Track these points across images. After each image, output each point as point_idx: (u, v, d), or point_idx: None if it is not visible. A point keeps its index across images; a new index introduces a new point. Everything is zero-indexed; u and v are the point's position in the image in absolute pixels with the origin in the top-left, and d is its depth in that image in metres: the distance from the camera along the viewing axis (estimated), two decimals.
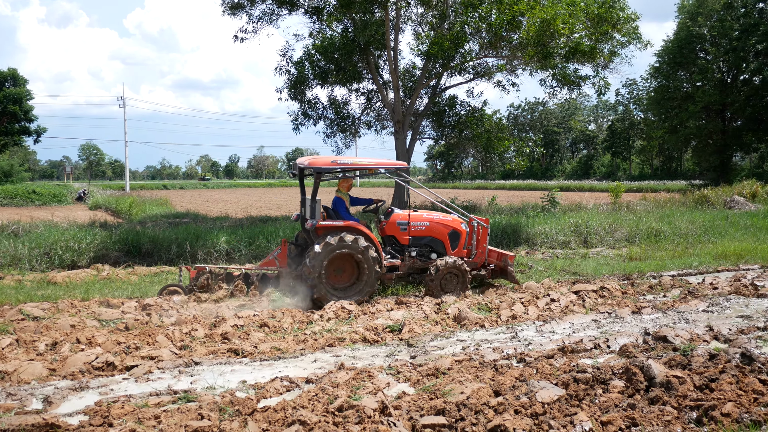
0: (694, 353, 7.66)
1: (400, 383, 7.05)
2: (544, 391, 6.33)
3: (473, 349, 8.43)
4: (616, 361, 7.58)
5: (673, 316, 10.44)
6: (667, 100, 51.84)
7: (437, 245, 12.60)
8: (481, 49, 23.31)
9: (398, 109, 23.33)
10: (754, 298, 11.95)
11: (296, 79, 23.90)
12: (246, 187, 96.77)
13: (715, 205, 28.22)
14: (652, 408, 6.08)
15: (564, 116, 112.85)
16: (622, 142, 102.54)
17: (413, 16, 25.26)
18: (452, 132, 25.77)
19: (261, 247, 16.63)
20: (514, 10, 20.41)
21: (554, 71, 23.40)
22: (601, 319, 10.27)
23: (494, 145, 24.40)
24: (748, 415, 5.86)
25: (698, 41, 50.02)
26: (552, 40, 20.92)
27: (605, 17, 22.00)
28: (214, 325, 9.46)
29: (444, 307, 10.56)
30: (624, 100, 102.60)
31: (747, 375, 6.82)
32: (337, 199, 12.22)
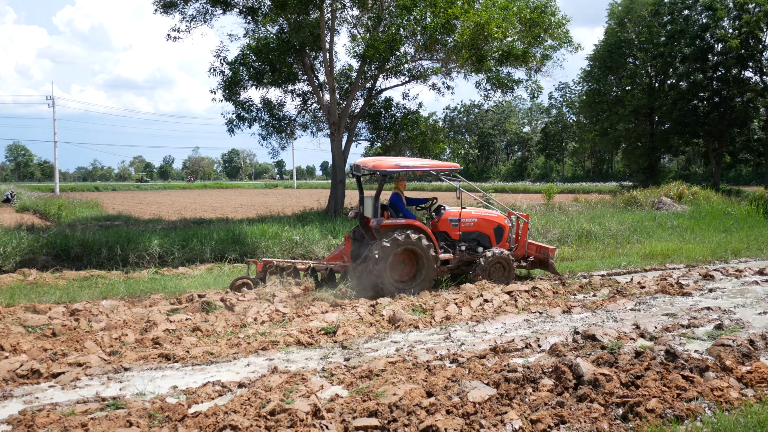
0: (621, 351, 7.83)
1: (334, 386, 7.03)
2: (475, 391, 6.39)
3: (407, 351, 8.46)
4: (546, 360, 7.69)
5: (602, 314, 10.68)
6: (598, 104, 53.06)
7: (484, 240, 13.70)
8: (417, 52, 23.41)
9: (334, 111, 23.27)
10: (679, 296, 12.32)
11: (230, 80, 23.59)
12: (181, 188, 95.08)
13: (643, 206, 28.93)
14: (580, 405, 6.19)
15: (499, 118, 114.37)
16: (555, 145, 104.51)
17: (349, 17, 25.26)
18: (388, 134, 25.82)
19: (195, 250, 16.38)
20: (448, 13, 20.57)
21: (488, 74, 23.66)
22: (533, 318, 10.44)
23: (430, 147, 24.53)
24: (671, 410, 6.03)
25: (627, 46, 51.32)
26: (486, 44, 21.16)
27: (537, 22, 22.37)
28: (145, 329, 9.26)
29: (379, 309, 10.58)
30: (557, 103, 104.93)
31: (671, 371, 7.01)
32: (395, 195, 13.12)
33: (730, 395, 6.46)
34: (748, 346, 8.06)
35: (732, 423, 5.56)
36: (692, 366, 7.24)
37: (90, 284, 13.36)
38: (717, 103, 46.69)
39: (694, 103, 47.80)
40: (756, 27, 42.93)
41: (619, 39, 50.99)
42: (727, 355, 7.63)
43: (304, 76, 24.17)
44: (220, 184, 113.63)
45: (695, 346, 8.59)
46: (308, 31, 21.96)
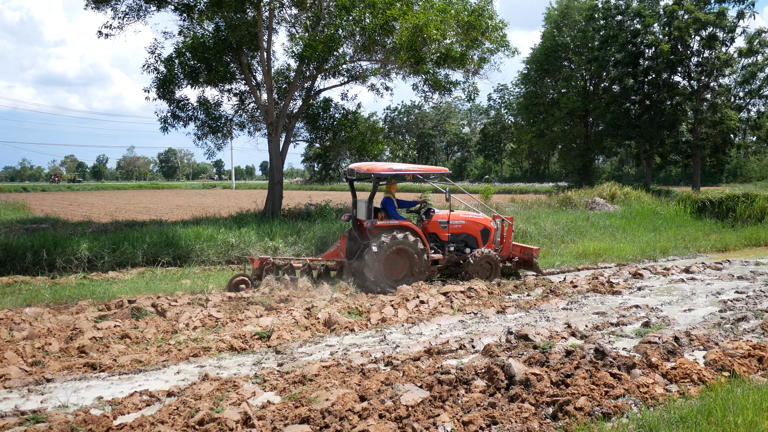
0: (553, 350, 7.96)
1: (266, 392, 6.96)
2: (408, 394, 6.41)
3: (341, 354, 8.43)
4: (479, 361, 7.77)
5: (535, 314, 10.84)
6: (535, 106, 53.81)
7: (471, 241, 14.59)
8: (355, 53, 23.36)
9: (272, 111, 23.07)
10: (609, 294, 12.60)
11: (165, 78, 23.13)
12: (115, 189, 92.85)
13: (577, 206, 29.46)
14: (511, 406, 6.27)
15: (439, 119, 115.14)
16: (494, 145, 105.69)
17: (287, 17, 25.04)
18: (327, 135, 25.71)
19: (126, 254, 15.98)
20: (387, 15, 20.59)
21: (426, 76, 23.76)
22: (468, 319, 10.52)
23: (369, 148, 24.51)
24: (599, 408, 6.15)
25: (563, 50, 52.19)
26: (424, 46, 21.25)
27: (475, 25, 22.56)
28: (70, 338, 8.98)
29: (314, 312, 10.52)
30: (496, 105, 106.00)
31: (600, 369, 7.15)
32: (387, 199, 13.80)
33: (655, 391, 6.63)
34: (673, 343, 8.29)
35: (656, 419, 5.69)
36: (620, 364, 7.40)
37: (13, 291, 12.82)
38: (648, 107, 47.80)
39: (626, 106, 48.82)
40: (685, 33, 44.12)
41: (555, 43, 51.82)
42: (653, 352, 7.83)
43: (242, 75, 23.89)
44: (156, 185, 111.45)
45: (623, 343, 8.79)
46: (245, 30, 21.71)
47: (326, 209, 23.97)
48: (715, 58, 44.52)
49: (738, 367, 7.36)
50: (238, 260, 16.89)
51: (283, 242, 18.01)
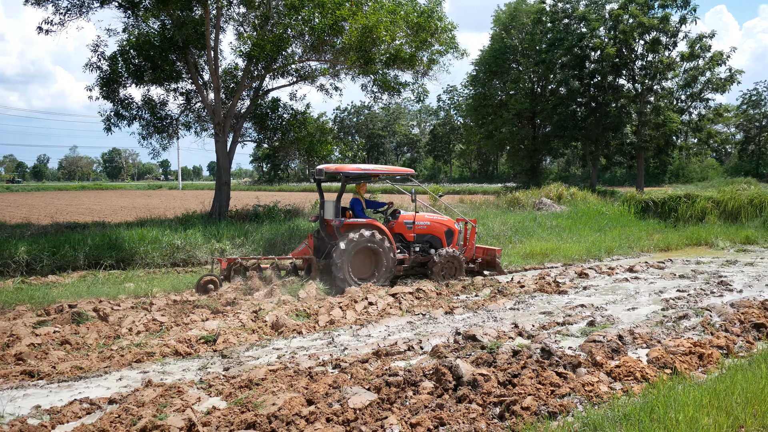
0: (500, 350, 8.01)
1: (212, 397, 6.85)
2: (356, 396, 6.37)
3: (289, 358, 8.35)
4: (427, 362, 7.77)
5: (483, 315, 10.90)
6: (484, 107, 54.28)
7: (436, 242, 14.92)
8: (304, 53, 23.20)
9: (219, 111, 22.77)
10: (555, 294, 12.75)
11: (108, 76, 22.64)
12: (56, 190, 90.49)
13: (525, 207, 29.80)
14: (459, 406, 6.27)
15: (389, 120, 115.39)
16: (443, 146, 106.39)
17: (235, 15, 24.72)
18: (275, 135, 25.49)
19: (67, 257, 15.57)
20: (336, 15, 20.48)
21: (375, 77, 23.73)
22: (416, 320, 10.53)
23: (318, 148, 24.38)
24: (545, 407, 6.19)
25: (511, 52, 52.77)
26: (374, 47, 21.20)
27: (424, 26, 22.58)
28: (7, 344, 8.67)
29: (261, 315, 10.40)
30: (445, 106, 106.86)
31: (546, 369, 7.21)
32: (355, 200, 14.14)
33: (600, 390, 6.71)
34: (617, 342, 8.41)
35: (600, 417, 5.75)
36: (566, 363, 7.48)
37: None
38: (594, 109, 48.58)
39: (573, 108, 49.54)
40: (630, 37, 44.98)
41: (503, 45, 52.35)
42: (598, 351, 7.93)
43: (188, 74, 23.54)
44: (100, 185, 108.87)
45: (569, 342, 8.89)
46: (192, 28, 21.39)
47: (274, 210, 23.77)
48: (658, 62, 45.46)
49: (679, 365, 7.50)
50: (184, 262, 16.67)
51: (230, 244, 17.81)
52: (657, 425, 5.42)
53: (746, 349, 8.51)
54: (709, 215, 25.71)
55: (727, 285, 13.55)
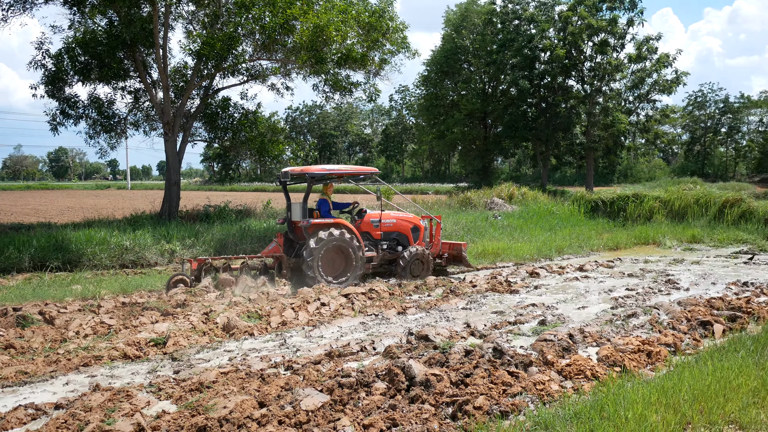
0: (452, 350, 8.03)
1: (162, 401, 6.72)
2: (309, 398, 6.32)
3: (240, 360, 8.25)
4: (380, 363, 7.75)
5: (436, 314, 10.92)
6: (436, 107, 54.53)
7: (402, 239, 15.19)
8: (255, 52, 23.02)
9: (168, 110, 22.45)
10: (507, 294, 12.84)
11: (54, 74, 22.17)
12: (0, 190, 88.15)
13: (477, 207, 30.01)
14: (411, 407, 6.26)
15: (341, 120, 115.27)
16: (395, 146, 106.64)
17: (184, 13, 24.41)
18: (226, 135, 25.25)
19: (11, 259, 15.19)
20: (287, 14, 20.36)
21: (327, 77, 23.66)
22: (369, 321, 10.50)
23: (269, 148, 24.21)
24: (497, 406, 6.21)
25: (462, 53, 53.11)
26: (325, 46, 21.13)
27: (376, 26, 22.59)
28: None
29: (212, 317, 10.25)
30: (397, 106, 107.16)
31: (498, 368, 7.24)
32: (322, 200, 14.25)
33: (551, 388, 6.76)
34: (568, 340, 8.50)
35: (551, 416, 5.79)
36: (517, 362, 7.52)
37: None
38: (544, 109, 49.21)
39: (523, 108, 50.08)
40: (578, 38, 45.68)
41: (455, 45, 52.66)
42: (548, 350, 8.00)
43: (136, 72, 23.17)
44: (46, 185, 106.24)
45: (521, 342, 8.95)
46: (140, 26, 21.06)
47: (225, 210, 23.55)
48: (606, 63, 46.26)
49: (628, 363, 7.61)
50: (133, 264, 16.41)
51: (181, 245, 17.59)
52: (607, 423, 5.48)
53: (693, 347, 8.67)
54: (656, 215, 26.21)
55: (675, 283, 13.82)
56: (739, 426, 5.67)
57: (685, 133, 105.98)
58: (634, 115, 50.00)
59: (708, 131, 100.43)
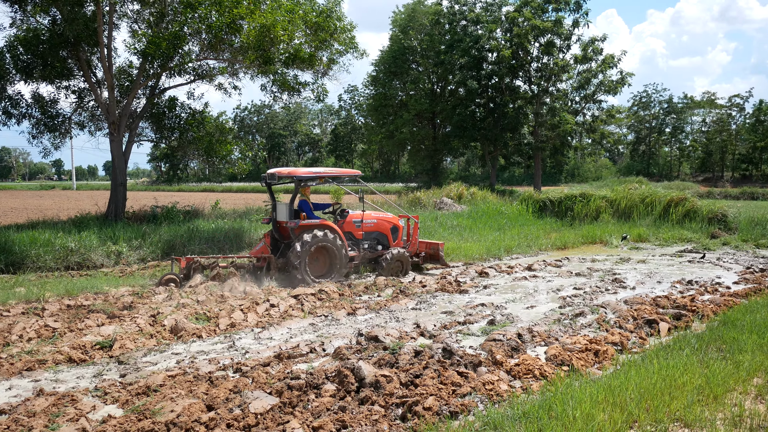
0: (402, 351, 8.05)
1: (108, 405, 6.60)
2: (257, 401, 6.28)
3: (188, 362, 8.15)
4: (330, 365, 7.74)
5: (386, 315, 10.93)
6: (384, 107, 54.65)
7: (383, 238, 15.79)
8: (202, 51, 22.74)
9: (113, 110, 22.03)
10: (457, 294, 12.92)
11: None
12: None
13: (426, 207, 30.13)
14: (361, 408, 6.26)
15: (290, 119, 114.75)
16: (345, 146, 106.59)
17: (129, 12, 23.97)
18: (173, 135, 24.89)
19: None
20: (234, 13, 20.16)
21: (275, 77, 23.48)
22: (319, 322, 10.46)
23: (216, 148, 23.95)
24: (447, 407, 6.25)
25: (410, 53, 53.30)
26: (272, 46, 20.98)
27: (323, 26, 22.51)
28: None
29: (160, 319, 10.10)
30: (346, 106, 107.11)
31: (447, 369, 7.29)
32: (303, 202, 14.52)
33: (500, 388, 6.82)
34: (517, 340, 8.59)
35: (500, 415, 5.84)
36: (467, 362, 7.58)
37: None
38: (492, 109, 49.68)
39: (471, 108, 50.45)
40: (524, 39, 46.24)
41: (402, 46, 52.82)
42: (498, 350, 8.08)
43: (80, 71, 22.69)
44: None
45: (470, 342, 9.02)
46: (83, 24, 20.63)
47: (173, 211, 23.21)
48: (553, 64, 46.90)
49: (576, 361, 7.72)
50: (79, 266, 16.09)
51: (127, 246, 17.30)
52: (555, 422, 5.55)
53: (639, 345, 8.84)
54: (603, 214, 26.68)
55: (621, 282, 14.10)
56: (684, 423, 5.79)
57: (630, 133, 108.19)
58: (581, 115, 50.80)
59: (653, 131, 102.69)
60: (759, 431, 5.63)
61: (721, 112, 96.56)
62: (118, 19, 23.69)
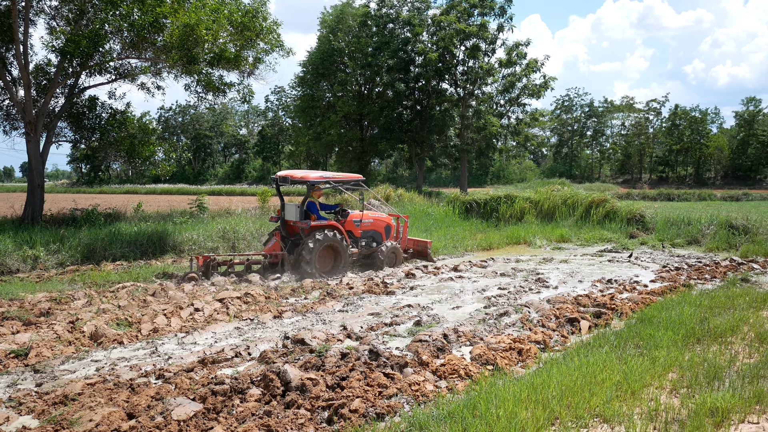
0: (328, 354, 8.02)
1: (22, 416, 6.36)
2: (180, 408, 6.15)
3: (108, 370, 7.92)
4: (255, 369, 7.64)
5: (312, 317, 10.86)
6: (312, 108, 54.40)
7: (377, 236, 17.35)
8: (124, 50, 22.18)
9: (30, 109, 21.29)
10: (384, 295, 12.94)
11: None
12: None
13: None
14: (287, 413, 6.21)
15: (216, 120, 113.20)
16: (272, 147, 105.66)
17: (47, 8, 23.20)
18: (93, 135, 24.19)
19: None
20: (156, 11, 19.74)
21: (199, 77, 23.08)
22: (244, 326, 10.32)
23: (139, 149, 23.39)
24: (373, 408, 6.25)
25: (338, 55, 53.23)
26: (196, 46, 20.62)
27: (249, 26, 22.22)
28: None
29: (79, 325, 9.79)
30: (273, 107, 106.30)
31: (374, 370, 7.29)
32: (311, 203, 15.67)
33: (426, 389, 6.86)
34: (442, 340, 8.66)
35: (426, 416, 5.86)
36: (393, 363, 7.59)
37: None
38: (419, 112, 50.07)
39: (399, 110, 50.72)
40: (450, 43, 46.75)
41: (330, 47, 52.70)
42: (423, 351, 8.12)
43: None
44: None
45: (397, 343, 9.04)
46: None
47: (94, 214, 22.55)
48: (478, 68, 47.55)
49: (500, 361, 7.82)
50: None
51: (45, 250, 16.73)
52: (479, 421, 5.60)
53: (561, 343, 9.03)
54: (527, 215, 27.17)
55: (544, 282, 14.37)
56: (603, 419, 5.93)
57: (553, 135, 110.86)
58: (506, 118, 51.67)
59: (575, 134, 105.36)
60: (673, 424, 5.80)
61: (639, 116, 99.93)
62: (35, 15, 22.90)
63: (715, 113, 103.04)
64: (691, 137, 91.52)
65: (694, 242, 21.71)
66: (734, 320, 9.55)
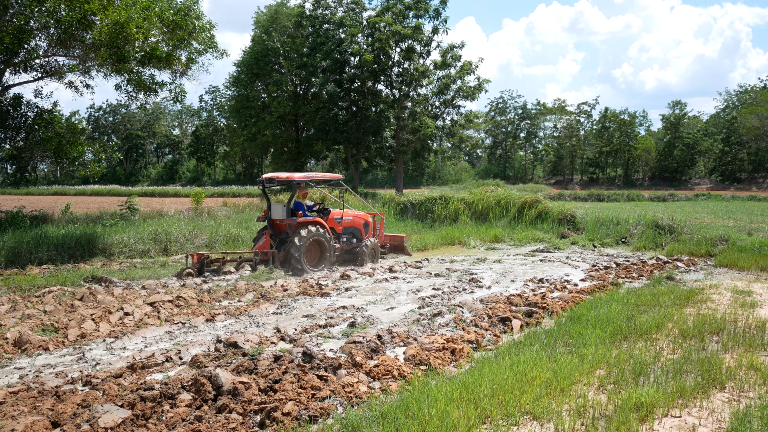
0: (262, 356, 7.94)
1: None
2: (108, 415, 6.00)
3: (33, 377, 7.66)
4: (186, 373, 7.52)
5: (246, 320, 10.74)
6: (247, 109, 53.79)
7: (357, 233, 18.45)
8: (50, 47, 21.58)
9: None
10: (318, 297, 12.89)
11: None
12: None
13: None
14: (218, 417, 6.13)
15: (148, 120, 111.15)
16: (206, 148, 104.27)
17: None
18: (18, 135, 23.46)
19: None
20: (85, 8, 19.25)
21: (130, 76, 22.59)
22: (176, 330, 10.14)
23: (66, 150, 22.77)
24: (306, 411, 6.21)
25: (273, 55, 52.78)
26: (126, 44, 20.18)
27: (181, 24, 21.85)
28: None
29: (2, 332, 9.45)
30: (207, 107, 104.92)
31: (307, 373, 7.25)
32: (298, 203, 16.84)
33: (360, 390, 6.85)
34: (376, 341, 8.66)
35: (359, 417, 5.85)
36: (327, 365, 7.56)
37: None
38: (355, 113, 49.98)
39: (334, 111, 50.53)
40: (386, 44, 46.84)
41: (265, 47, 52.21)
42: (357, 352, 8.11)
43: None
44: None
45: (331, 345, 9.01)
46: None
47: (19, 216, 21.86)
48: (413, 70, 47.75)
49: (434, 361, 7.86)
50: None
51: None
52: (411, 422, 5.61)
53: (494, 342, 9.13)
54: (462, 216, 27.42)
55: (478, 282, 14.52)
56: (533, 416, 6.02)
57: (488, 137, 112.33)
58: (441, 119, 52.01)
59: (508, 136, 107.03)
60: (601, 420, 5.92)
61: (570, 118, 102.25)
62: None
63: (643, 116, 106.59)
64: (621, 139, 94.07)
65: (622, 242, 22.27)
66: (659, 317, 9.82)
